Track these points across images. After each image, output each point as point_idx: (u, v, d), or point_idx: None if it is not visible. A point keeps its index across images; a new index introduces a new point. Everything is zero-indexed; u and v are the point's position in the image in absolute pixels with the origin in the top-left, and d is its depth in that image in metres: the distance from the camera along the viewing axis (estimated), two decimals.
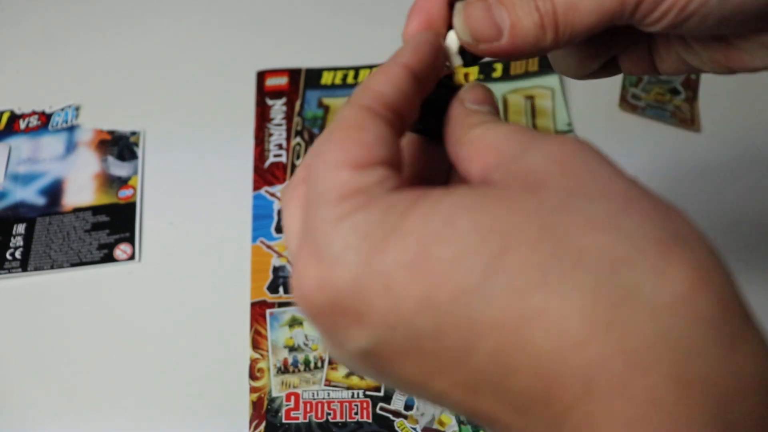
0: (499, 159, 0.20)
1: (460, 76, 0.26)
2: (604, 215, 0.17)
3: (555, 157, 0.19)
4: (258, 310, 0.49)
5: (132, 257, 0.52)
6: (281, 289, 0.50)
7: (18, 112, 0.60)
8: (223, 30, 0.66)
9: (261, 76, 0.62)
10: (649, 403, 0.15)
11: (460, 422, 0.44)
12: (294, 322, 0.48)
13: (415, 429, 0.44)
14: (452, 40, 0.25)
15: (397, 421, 0.44)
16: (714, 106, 0.58)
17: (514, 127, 0.21)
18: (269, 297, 0.49)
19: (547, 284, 0.16)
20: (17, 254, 0.52)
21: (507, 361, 0.16)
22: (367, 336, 0.18)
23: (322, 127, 0.59)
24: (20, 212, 0.54)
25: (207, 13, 0.67)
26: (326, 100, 0.60)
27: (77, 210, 0.54)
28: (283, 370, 0.46)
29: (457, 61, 0.26)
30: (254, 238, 0.52)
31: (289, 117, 0.59)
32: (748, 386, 0.15)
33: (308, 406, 0.45)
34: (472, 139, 0.22)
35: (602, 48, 0.30)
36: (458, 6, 0.25)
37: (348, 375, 0.46)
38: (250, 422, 0.44)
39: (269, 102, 0.60)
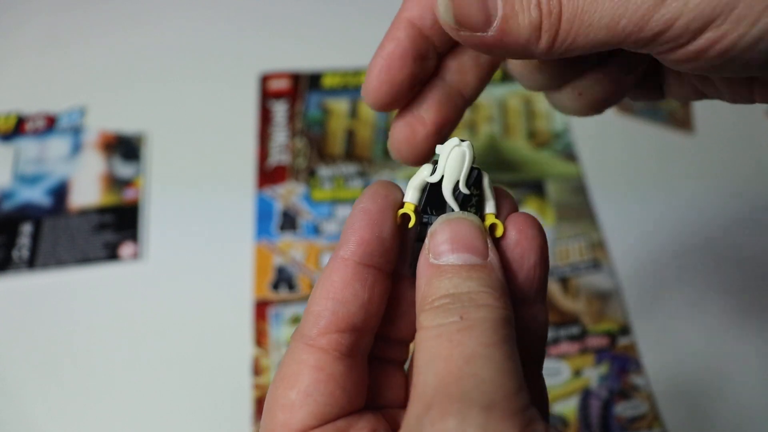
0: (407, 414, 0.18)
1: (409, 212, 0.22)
2: None
3: None
4: (260, 307, 0.50)
5: (136, 256, 0.53)
6: (283, 287, 0.51)
7: (25, 113, 0.61)
8: (226, 33, 0.67)
9: (264, 79, 0.63)
10: None
11: None
12: (296, 320, 0.49)
13: None
14: (424, 172, 0.22)
15: None
16: (707, 109, 0.59)
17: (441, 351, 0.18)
18: (271, 295, 0.50)
19: None
20: (24, 253, 0.52)
21: None
22: None
23: (322, 129, 0.60)
24: (27, 212, 0.55)
25: (211, 17, 0.68)
26: (327, 103, 0.61)
27: (83, 210, 0.55)
28: None
29: (409, 196, 0.22)
30: (257, 237, 0.53)
31: (291, 119, 0.60)
32: None
33: None
34: (417, 336, 0.19)
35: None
36: None
37: None
38: (253, 418, 0.45)
39: (271, 104, 0.61)
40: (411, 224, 0.22)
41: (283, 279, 0.51)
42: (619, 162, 0.58)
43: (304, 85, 0.62)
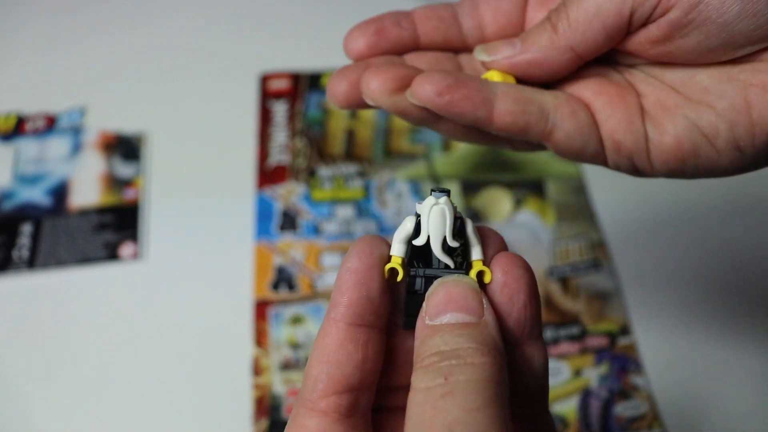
0: None
1: (395, 266, 0.22)
2: None
3: None
4: (260, 307, 0.50)
5: (136, 256, 0.53)
6: (283, 287, 0.51)
7: (25, 113, 0.61)
8: (226, 33, 0.67)
9: (264, 79, 0.63)
10: None
11: None
12: (296, 320, 0.49)
13: None
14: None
15: None
16: None
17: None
18: (271, 295, 0.50)
19: None
20: (24, 253, 0.52)
21: None
22: None
23: (322, 129, 0.60)
24: (27, 212, 0.55)
25: (211, 17, 0.68)
26: (327, 103, 0.61)
27: (83, 210, 0.55)
28: (286, 366, 0.47)
29: (395, 250, 0.22)
30: (257, 237, 0.53)
31: (291, 119, 0.60)
32: None
33: None
34: (408, 399, 0.19)
35: None
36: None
37: None
38: (253, 418, 0.45)
39: (271, 104, 0.61)
40: (399, 278, 0.22)
41: (283, 279, 0.51)
42: None
43: (304, 85, 0.62)
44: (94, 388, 0.47)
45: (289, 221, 0.54)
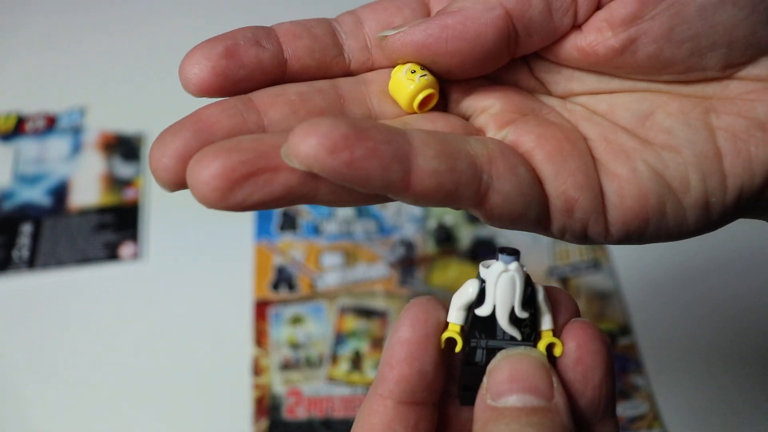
0: None
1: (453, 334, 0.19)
2: None
3: None
4: (260, 307, 0.50)
5: (136, 256, 0.53)
6: (283, 287, 0.51)
7: (25, 113, 0.61)
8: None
9: None
10: None
11: None
12: (296, 320, 0.49)
13: None
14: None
15: None
16: None
17: None
18: (271, 295, 0.50)
19: None
20: (24, 253, 0.52)
21: None
22: None
23: None
24: (27, 212, 0.55)
25: (211, 17, 0.68)
26: None
27: (83, 210, 0.55)
28: (286, 366, 0.47)
29: (453, 317, 0.20)
30: (257, 237, 0.53)
31: None
32: None
33: (310, 402, 0.46)
34: None
35: None
36: None
37: (350, 372, 0.47)
38: (253, 418, 0.45)
39: None
40: (458, 349, 0.19)
41: (283, 279, 0.51)
42: None
43: None
44: (94, 388, 0.47)
45: (289, 221, 0.54)
